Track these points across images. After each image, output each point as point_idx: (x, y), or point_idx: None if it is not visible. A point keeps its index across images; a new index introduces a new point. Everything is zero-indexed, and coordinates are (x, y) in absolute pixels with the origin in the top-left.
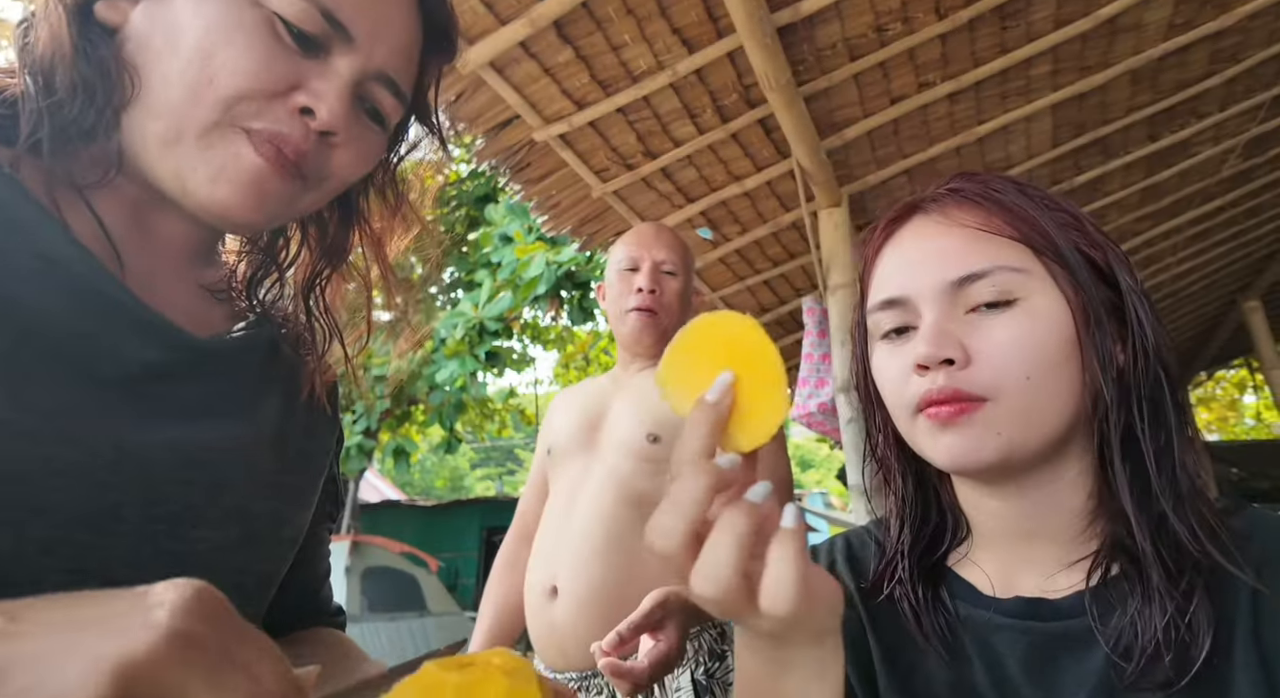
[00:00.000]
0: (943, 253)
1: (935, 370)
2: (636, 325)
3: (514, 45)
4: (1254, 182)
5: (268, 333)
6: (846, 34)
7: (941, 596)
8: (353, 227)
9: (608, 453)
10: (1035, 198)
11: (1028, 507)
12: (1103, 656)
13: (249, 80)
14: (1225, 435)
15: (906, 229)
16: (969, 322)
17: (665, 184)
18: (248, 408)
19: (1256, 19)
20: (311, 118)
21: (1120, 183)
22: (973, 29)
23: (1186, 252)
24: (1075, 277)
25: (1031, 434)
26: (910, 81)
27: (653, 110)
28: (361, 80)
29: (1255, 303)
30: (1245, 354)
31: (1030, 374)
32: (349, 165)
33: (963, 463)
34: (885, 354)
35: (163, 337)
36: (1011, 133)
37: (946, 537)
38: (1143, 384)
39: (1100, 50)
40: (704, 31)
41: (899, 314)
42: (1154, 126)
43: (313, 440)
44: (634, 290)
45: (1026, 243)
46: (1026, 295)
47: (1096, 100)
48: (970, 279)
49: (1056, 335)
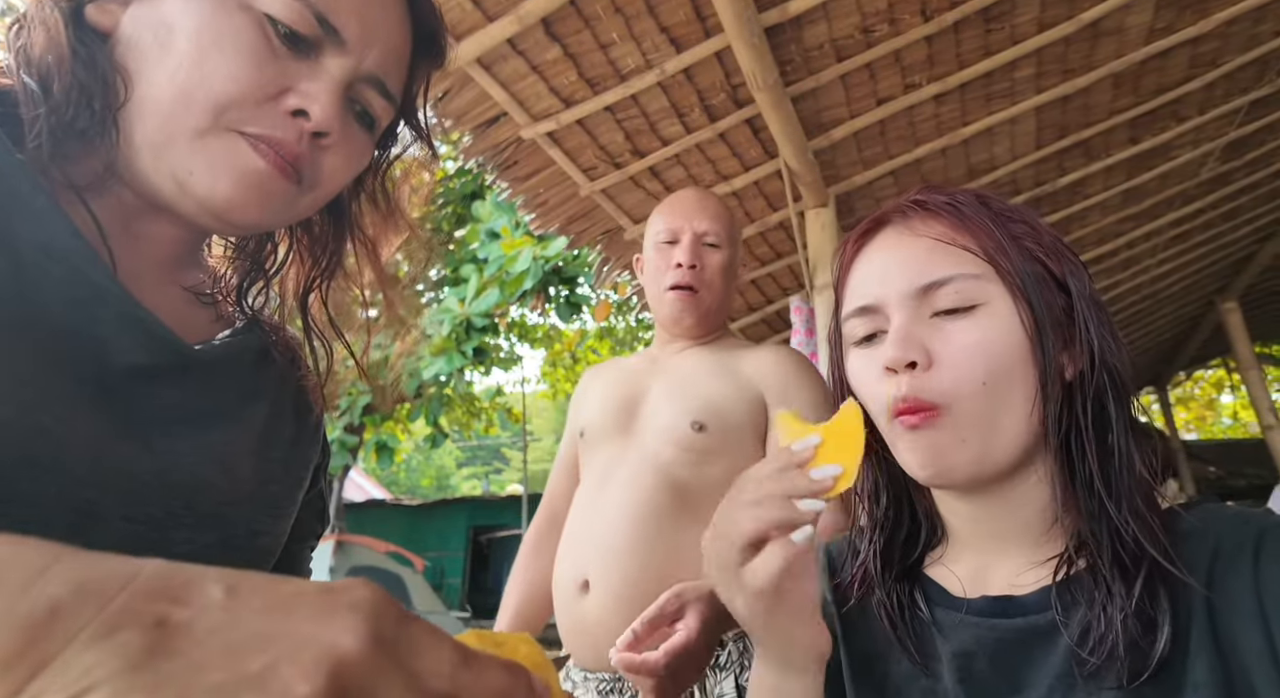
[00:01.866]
0: (908, 261)
1: (901, 374)
2: (676, 305)
3: (501, 42)
4: (1232, 185)
5: (256, 340)
6: (833, 35)
7: (915, 599)
8: (345, 233)
9: (648, 439)
10: (995, 209)
11: (997, 509)
12: (1065, 648)
13: (240, 84)
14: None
15: (876, 241)
16: (933, 325)
17: (653, 183)
18: (230, 415)
19: (1234, 25)
20: (305, 120)
21: (1102, 185)
22: (958, 31)
23: (1166, 253)
24: (1026, 285)
25: (997, 442)
26: (896, 83)
27: (640, 109)
28: (352, 82)
29: (1233, 304)
30: (1223, 354)
31: (986, 379)
32: (340, 168)
33: (934, 472)
34: (859, 359)
35: (152, 340)
36: (996, 135)
37: (920, 541)
38: (1089, 389)
39: (1083, 54)
40: (692, 31)
41: (871, 321)
42: (1135, 129)
43: (296, 451)
44: (673, 265)
45: (984, 252)
46: (986, 301)
47: (1079, 103)
48: (934, 286)
49: (1012, 341)
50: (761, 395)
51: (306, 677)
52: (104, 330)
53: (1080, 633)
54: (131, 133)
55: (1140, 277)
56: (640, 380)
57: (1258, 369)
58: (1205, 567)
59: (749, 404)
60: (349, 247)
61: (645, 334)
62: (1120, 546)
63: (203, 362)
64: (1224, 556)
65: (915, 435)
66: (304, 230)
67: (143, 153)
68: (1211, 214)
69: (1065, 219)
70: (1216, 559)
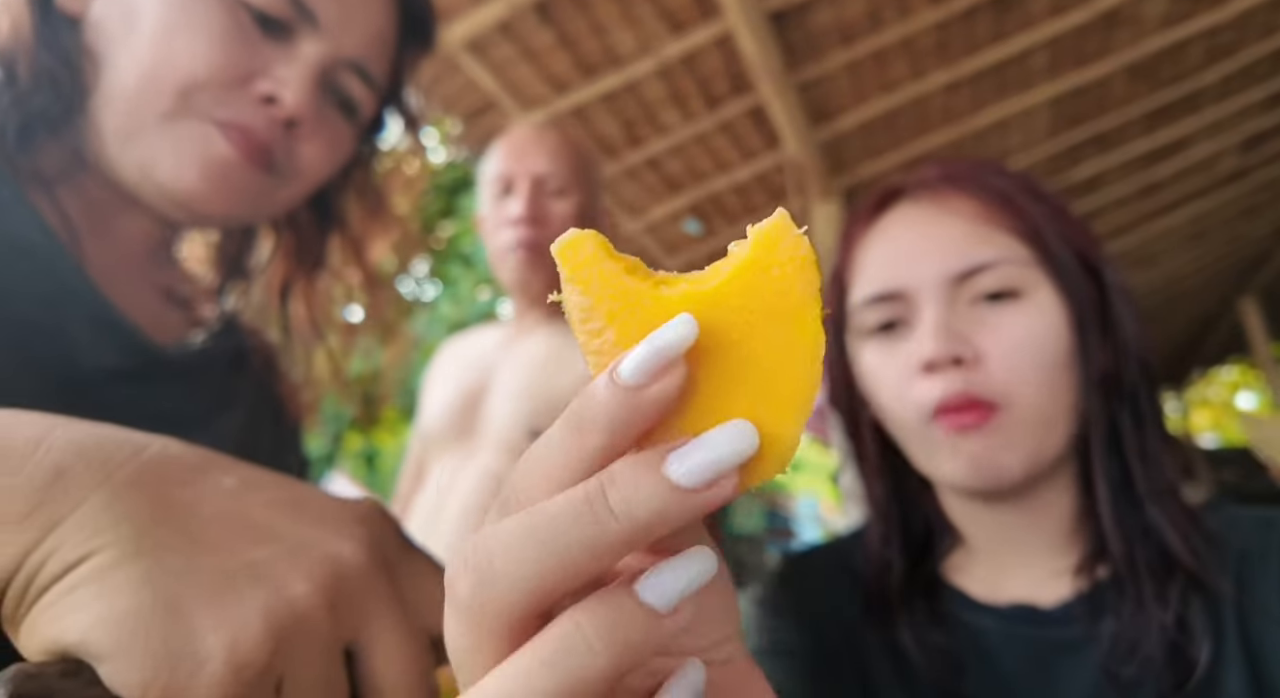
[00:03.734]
0: (941, 243)
1: (945, 371)
2: (517, 266)
3: (492, 26)
4: (1250, 179)
5: (234, 344)
6: (840, 20)
7: (937, 608)
8: (330, 230)
9: (484, 447)
10: (1027, 188)
11: (1020, 516)
12: (1096, 664)
13: (207, 65)
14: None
15: (894, 216)
16: (972, 316)
17: (651, 174)
18: (203, 420)
19: (1252, 14)
20: (275, 106)
21: (1118, 179)
22: (969, 17)
23: (1183, 250)
24: (1068, 273)
25: (1051, 440)
26: (905, 71)
27: (637, 97)
28: (330, 68)
29: (1251, 302)
30: (1240, 353)
31: (1042, 376)
32: (319, 159)
33: (986, 477)
34: (879, 354)
35: (122, 340)
36: (1009, 126)
37: (936, 547)
38: (1124, 385)
39: (1098, 42)
40: (692, 15)
41: (891, 309)
42: (1151, 121)
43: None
44: (509, 220)
45: (1024, 235)
46: (1028, 289)
47: (1094, 94)
48: (975, 271)
49: (1058, 332)
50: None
51: (305, 576)
52: (73, 330)
53: (1111, 648)
54: (99, 120)
55: (1156, 274)
56: (485, 371)
57: (1276, 368)
58: (1233, 572)
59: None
60: (333, 244)
61: None
62: (1155, 552)
63: (175, 365)
64: (1250, 560)
65: (962, 439)
66: (290, 229)
67: (110, 140)
68: (1230, 210)
69: (1080, 214)
70: (1243, 564)
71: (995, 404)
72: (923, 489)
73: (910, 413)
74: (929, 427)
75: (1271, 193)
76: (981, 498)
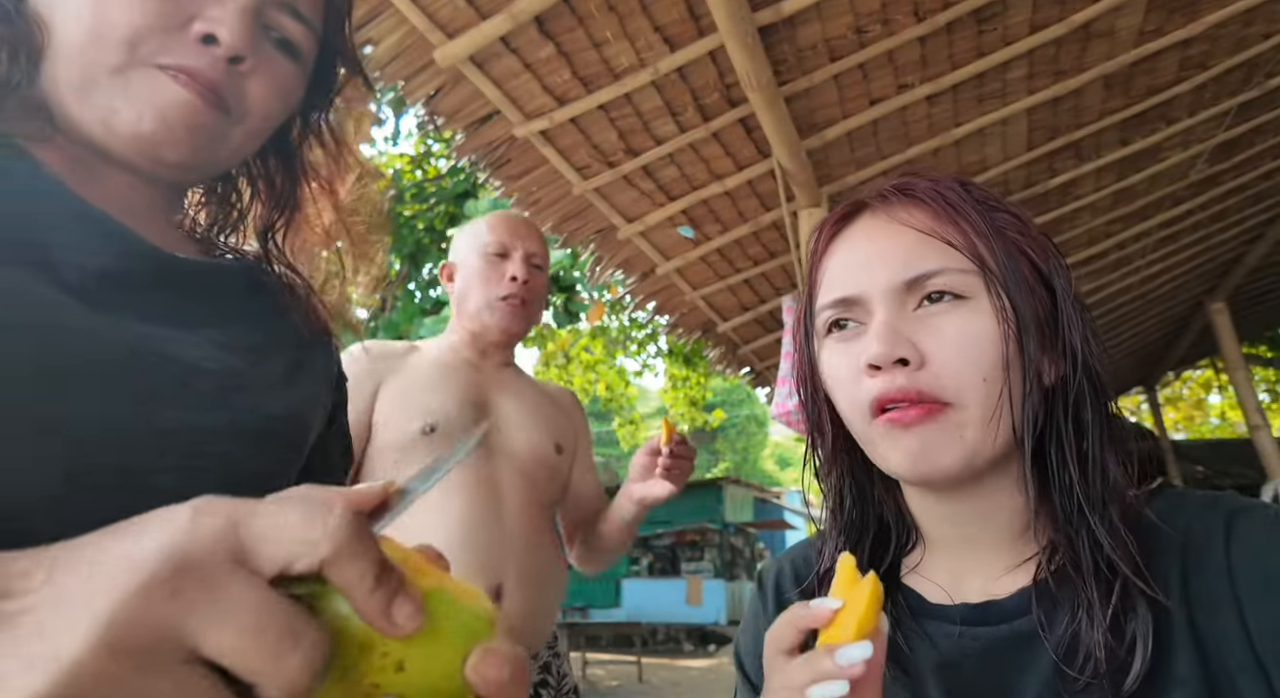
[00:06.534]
0: (893, 252)
1: (889, 371)
2: (508, 314)
3: (494, 40)
4: (1220, 186)
5: (246, 266)
6: (827, 35)
7: (896, 608)
8: (299, 176)
9: (517, 457)
10: (980, 199)
11: (971, 512)
12: (1049, 659)
13: (141, 15)
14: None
15: (855, 227)
16: (918, 319)
17: (646, 182)
18: (223, 323)
19: (1223, 28)
20: (215, 46)
21: (1093, 186)
22: (950, 32)
23: (1156, 255)
24: (1012, 282)
25: (992, 439)
26: (889, 83)
27: (634, 108)
28: (260, 6)
29: (1220, 305)
30: (1211, 355)
31: (986, 376)
32: (267, 96)
33: (924, 470)
34: (834, 352)
35: (120, 242)
36: (988, 136)
37: (890, 549)
38: (1069, 393)
39: (1074, 55)
40: (685, 30)
41: (848, 312)
42: (1125, 131)
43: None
44: (506, 278)
45: (970, 246)
46: (974, 295)
47: (1070, 105)
48: (921, 279)
49: (998, 338)
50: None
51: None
52: (64, 236)
53: (1061, 643)
54: (57, 81)
55: (1130, 278)
56: (480, 389)
57: (1245, 370)
58: (1178, 558)
59: (573, 435)
60: (306, 191)
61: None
62: (1095, 554)
63: (184, 271)
64: (1194, 546)
65: (903, 433)
66: (262, 179)
67: (70, 99)
68: (1200, 216)
69: (1056, 220)
70: (1188, 550)
71: (934, 401)
72: (886, 487)
73: (857, 409)
74: (871, 422)
75: (1241, 199)
76: (931, 491)
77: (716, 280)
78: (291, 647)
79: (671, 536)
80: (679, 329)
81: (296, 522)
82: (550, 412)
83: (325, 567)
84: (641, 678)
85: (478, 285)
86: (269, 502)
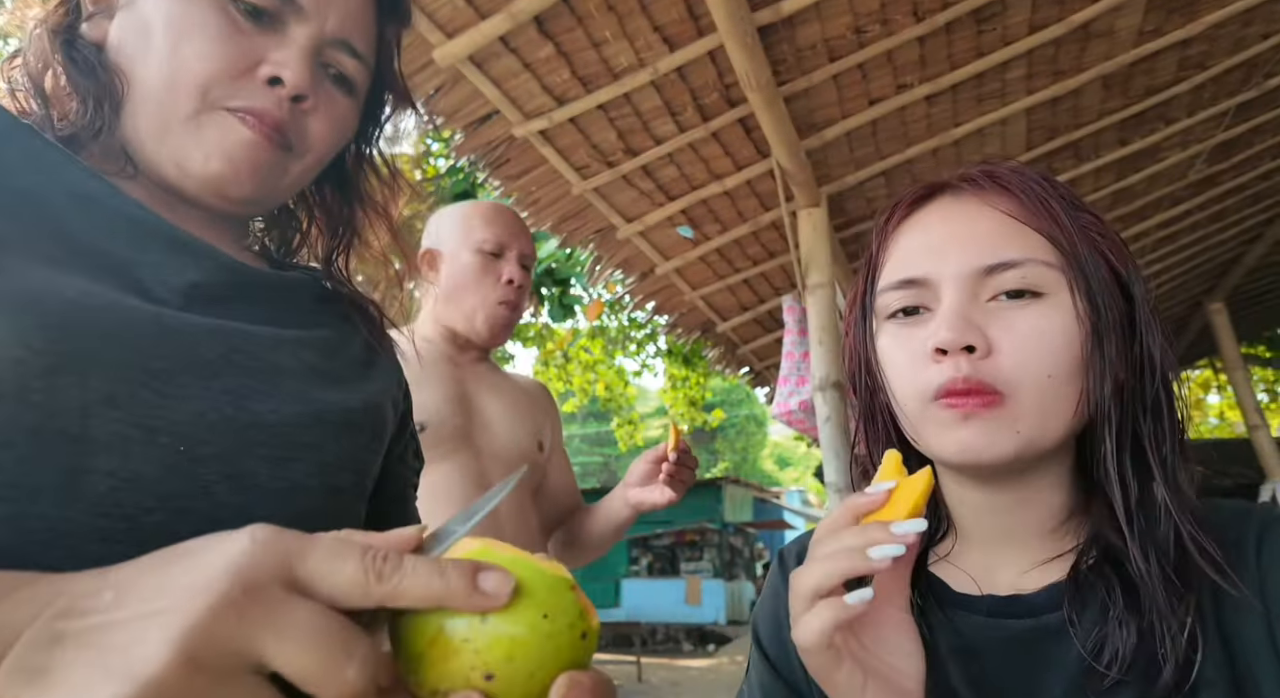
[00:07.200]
0: (973, 237)
1: (955, 357)
2: (502, 319)
3: (494, 40)
4: (1219, 186)
5: (314, 279)
6: (826, 35)
7: (923, 604)
8: (355, 203)
9: (502, 456)
10: (1064, 195)
11: (1010, 503)
12: (1078, 653)
13: (214, 62)
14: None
15: (931, 209)
16: (990, 310)
17: (646, 182)
18: (299, 326)
19: (1222, 28)
20: (281, 87)
21: (1092, 186)
22: (950, 32)
23: (1154, 255)
24: (1092, 281)
25: (1046, 434)
26: (889, 83)
27: (633, 107)
28: (319, 47)
29: (1219, 305)
30: (1210, 355)
31: (1052, 372)
32: (325, 131)
33: (975, 457)
34: (894, 336)
35: (204, 258)
36: (987, 135)
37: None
38: (1147, 397)
39: (1073, 55)
40: (685, 30)
41: (914, 295)
42: (1124, 131)
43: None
44: (503, 280)
45: (1056, 241)
46: (1051, 291)
47: (1069, 104)
48: (1000, 267)
49: (1074, 338)
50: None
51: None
52: (153, 254)
53: (1092, 639)
54: (136, 127)
55: None
56: (459, 382)
57: (1243, 369)
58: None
59: (549, 431)
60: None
61: (637, 333)
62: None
63: (263, 282)
64: (1229, 550)
65: (962, 420)
66: (320, 208)
67: (147, 143)
68: (1199, 216)
69: None
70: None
71: (998, 393)
72: None
73: (916, 393)
74: (930, 406)
75: (1239, 199)
76: (974, 480)
77: (716, 280)
78: (345, 661)
79: (671, 535)
80: (678, 329)
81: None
82: (529, 408)
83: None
84: (641, 678)
85: (471, 284)
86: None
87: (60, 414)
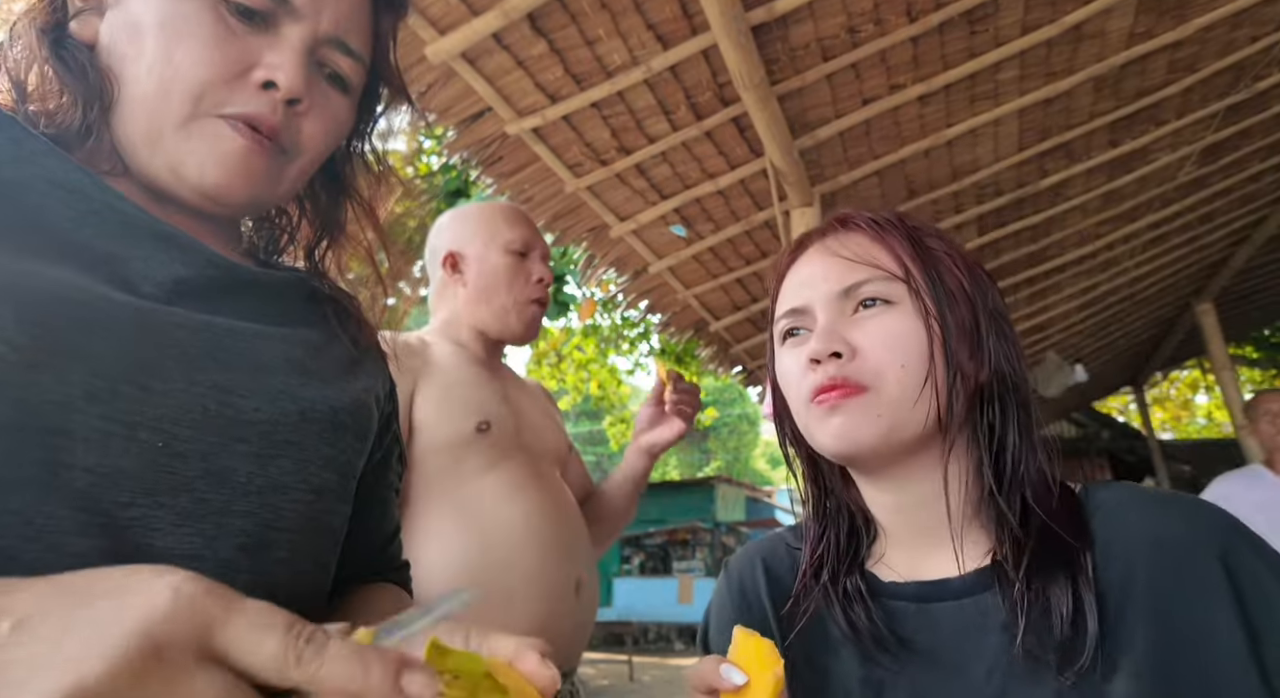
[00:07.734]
0: (834, 268)
1: (825, 363)
2: (534, 317)
3: (486, 36)
4: (1208, 188)
5: (302, 278)
6: (820, 34)
7: (858, 593)
8: (343, 198)
9: (548, 455)
10: (909, 225)
11: (914, 499)
12: (1001, 631)
13: (207, 67)
14: (1179, 434)
15: (807, 254)
16: (854, 321)
17: (639, 180)
18: (286, 324)
19: (1211, 31)
20: (275, 90)
21: (1083, 187)
22: (943, 32)
23: (1144, 256)
24: (937, 291)
25: (908, 421)
26: (882, 83)
27: (627, 106)
28: (314, 47)
29: (1208, 306)
30: (1198, 356)
31: (904, 363)
32: (320, 132)
33: (845, 446)
34: (787, 356)
35: (190, 253)
36: (979, 136)
37: (863, 540)
38: (991, 395)
39: (1065, 57)
40: (678, 28)
41: (797, 320)
42: (1115, 132)
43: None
44: (534, 279)
45: (896, 259)
46: (899, 301)
47: (1061, 106)
48: (855, 286)
49: (921, 337)
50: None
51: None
52: (138, 247)
53: (1014, 622)
54: (127, 130)
55: (1119, 278)
56: (503, 384)
57: (1231, 370)
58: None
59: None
60: (348, 211)
61: (630, 332)
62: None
63: (251, 279)
64: (1113, 536)
65: (831, 413)
66: (309, 200)
67: (139, 148)
68: (1188, 217)
69: (1046, 221)
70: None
71: (861, 386)
72: (845, 485)
73: (799, 397)
74: (810, 407)
75: (1228, 201)
76: (870, 477)
77: (709, 279)
78: None
79: (663, 534)
80: (671, 328)
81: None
82: (550, 408)
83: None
84: (632, 677)
85: (503, 284)
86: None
87: (40, 409)
